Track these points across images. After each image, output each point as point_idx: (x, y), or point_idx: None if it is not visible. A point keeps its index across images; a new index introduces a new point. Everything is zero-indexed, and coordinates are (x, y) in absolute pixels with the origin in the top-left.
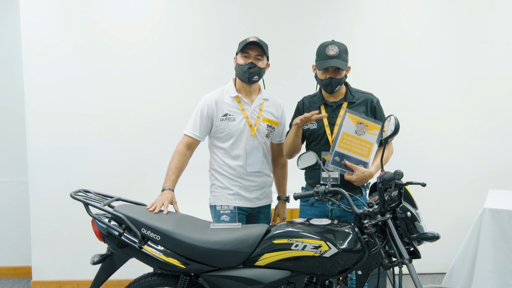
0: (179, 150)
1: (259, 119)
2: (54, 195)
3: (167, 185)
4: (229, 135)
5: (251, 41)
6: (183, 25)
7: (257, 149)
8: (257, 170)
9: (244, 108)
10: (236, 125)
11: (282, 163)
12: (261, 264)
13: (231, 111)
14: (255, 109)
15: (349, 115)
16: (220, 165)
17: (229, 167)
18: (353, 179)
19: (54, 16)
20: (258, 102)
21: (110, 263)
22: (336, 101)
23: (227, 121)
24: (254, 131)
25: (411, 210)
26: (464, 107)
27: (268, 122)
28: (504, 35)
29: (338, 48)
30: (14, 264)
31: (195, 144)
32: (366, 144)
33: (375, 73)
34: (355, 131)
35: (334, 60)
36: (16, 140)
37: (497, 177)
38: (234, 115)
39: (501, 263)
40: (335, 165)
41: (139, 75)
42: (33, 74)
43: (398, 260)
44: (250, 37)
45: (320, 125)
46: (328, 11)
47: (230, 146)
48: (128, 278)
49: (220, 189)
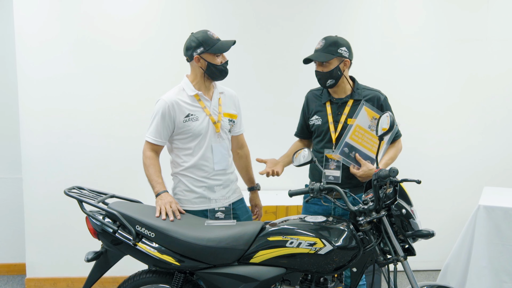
0: (150, 155)
1: (220, 115)
2: (48, 192)
3: (160, 188)
4: (194, 136)
5: (221, 42)
6: (178, 22)
7: (222, 146)
8: (224, 167)
9: (205, 105)
10: (200, 125)
11: (244, 154)
12: (256, 261)
13: (193, 111)
14: (215, 105)
15: (365, 108)
16: (185, 167)
17: (195, 168)
18: (359, 174)
19: (48, 12)
20: (217, 97)
21: (104, 260)
22: (342, 98)
23: (191, 122)
24: (218, 128)
25: (406, 207)
26: (460, 105)
27: (229, 117)
28: (499, 32)
29: (325, 41)
30: (8, 261)
31: (160, 149)
32: (376, 141)
33: (371, 71)
34: (369, 126)
35: (314, 54)
36: (10, 136)
37: (492, 175)
38: (196, 114)
39: (496, 260)
40: (343, 155)
41: (134, 71)
42: (27, 70)
43: (393, 257)
44: (211, 34)
45: (324, 121)
46: (323, 9)
47: (196, 146)
48: (123, 275)
49: (185, 192)
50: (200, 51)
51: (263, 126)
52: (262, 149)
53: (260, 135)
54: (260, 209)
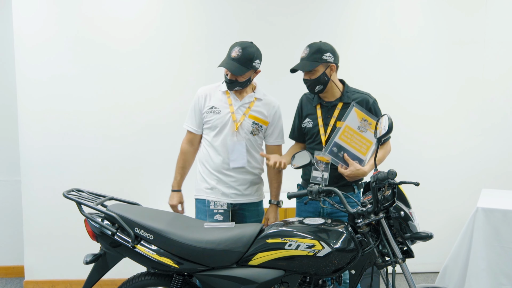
0: (183, 148)
1: (244, 116)
2: (46, 194)
3: (173, 186)
4: (212, 127)
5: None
6: (177, 22)
7: (240, 144)
8: (241, 165)
9: (232, 103)
10: (219, 118)
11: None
12: (255, 263)
13: (218, 104)
14: (243, 106)
15: (355, 110)
16: (204, 156)
17: (211, 159)
18: (346, 174)
19: (46, 12)
20: (248, 100)
21: (103, 263)
22: (331, 102)
23: (212, 114)
24: (237, 127)
25: (404, 209)
26: (458, 107)
27: (254, 119)
28: (497, 34)
29: (309, 49)
30: (6, 264)
31: (196, 138)
32: (366, 142)
33: (369, 73)
34: (358, 127)
35: (299, 64)
36: (8, 138)
37: (490, 177)
38: (220, 108)
39: (494, 262)
40: (332, 155)
41: (133, 72)
42: (25, 71)
43: (392, 259)
44: (234, 49)
45: (315, 124)
46: (322, 10)
47: (213, 138)
48: (121, 277)
49: (199, 181)
50: None
51: None
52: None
53: None
54: (271, 223)
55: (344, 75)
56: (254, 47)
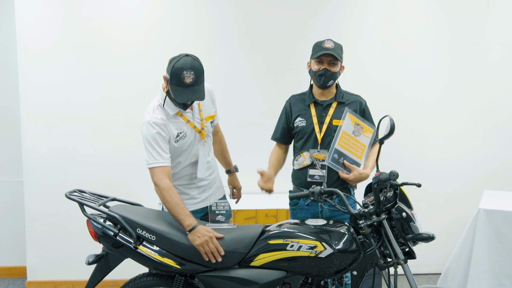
0: (166, 185)
1: (203, 121)
2: (49, 195)
3: (192, 221)
4: (183, 151)
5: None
6: (179, 26)
7: (205, 153)
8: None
9: (188, 118)
10: (188, 139)
11: (219, 139)
12: (257, 264)
13: (180, 129)
14: (196, 112)
15: (349, 115)
16: (183, 177)
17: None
18: (350, 179)
19: (49, 16)
20: (196, 104)
21: (105, 263)
22: (326, 100)
23: (182, 140)
24: (204, 135)
25: (406, 210)
26: (460, 108)
27: (210, 119)
28: (499, 36)
29: (334, 43)
30: (9, 264)
31: (170, 171)
32: (360, 146)
33: (371, 74)
34: (353, 132)
35: (330, 50)
36: (11, 140)
37: (492, 178)
38: (183, 130)
39: (496, 263)
40: (334, 162)
41: (135, 76)
42: (28, 75)
43: (393, 260)
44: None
45: (309, 123)
46: (324, 13)
47: (183, 159)
48: (123, 278)
49: (186, 200)
50: (167, 78)
51: (264, 130)
52: (262, 154)
53: (260, 140)
54: (239, 190)
55: (346, 77)
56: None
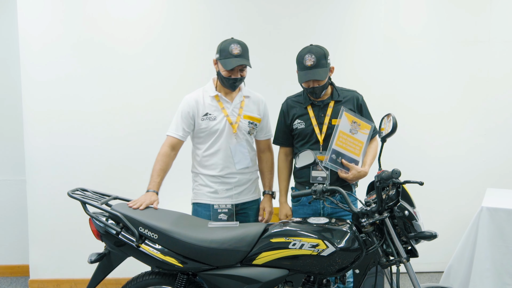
0: (164, 151)
1: (239, 117)
2: (51, 194)
3: (151, 187)
4: (210, 134)
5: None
6: (181, 23)
7: (241, 145)
8: (245, 166)
9: (224, 106)
10: (216, 124)
11: (267, 159)
12: (259, 263)
13: (212, 111)
14: (236, 107)
15: (345, 114)
16: (202, 164)
17: (212, 164)
18: (349, 178)
19: (51, 14)
20: (239, 100)
21: (107, 262)
22: (323, 101)
23: (208, 120)
24: (235, 129)
25: (408, 208)
26: (462, 106)
27: (249, 119)
28: (502, 33)
29: (315, 56)
30: (11, 263)
31: (179, 144)
32: (358, 143)
33: (373, 72)
34: (350, 130)
35: (312, 72)
36: (13, 138)
37: (495, 176)
38: (214, 114)
39: (499, 262)
40: (332, 162)
41: (137, 73)
42: (30, 72)
43: (396, 259)
44: (233, 47)
45: (308, 124)
46: (326, 10)
47: (212, 144)
48: (126, 276)
49: (201, 186)
50: (217, 57)
51: None
52: None
53: None
54: (268, 213)
55: (349, 75)
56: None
